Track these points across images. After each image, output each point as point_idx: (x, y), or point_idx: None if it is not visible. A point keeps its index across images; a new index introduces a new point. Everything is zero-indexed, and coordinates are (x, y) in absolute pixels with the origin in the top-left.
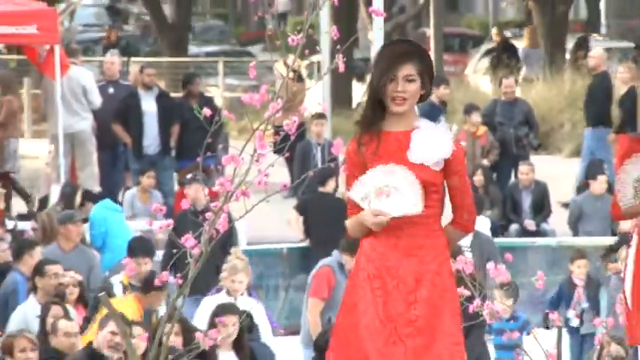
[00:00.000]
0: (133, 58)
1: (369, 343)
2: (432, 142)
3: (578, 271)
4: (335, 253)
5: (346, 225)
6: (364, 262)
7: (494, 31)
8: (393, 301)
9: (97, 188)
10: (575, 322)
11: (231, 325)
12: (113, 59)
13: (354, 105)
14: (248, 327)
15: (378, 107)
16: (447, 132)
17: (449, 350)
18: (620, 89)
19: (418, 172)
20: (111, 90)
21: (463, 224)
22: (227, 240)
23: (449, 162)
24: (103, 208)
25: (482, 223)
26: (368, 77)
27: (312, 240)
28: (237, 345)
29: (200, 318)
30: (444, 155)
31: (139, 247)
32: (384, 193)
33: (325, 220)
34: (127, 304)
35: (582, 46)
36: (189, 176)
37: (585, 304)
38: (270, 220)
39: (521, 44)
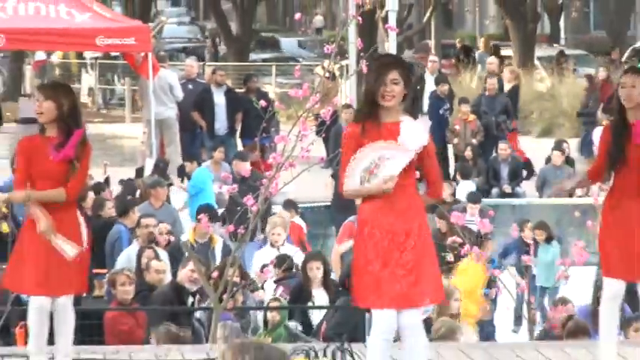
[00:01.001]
0: (207, 63)
1: (375, 282)
2: (416, 133)
3: (528, 232)
4: None
5: (344, 192)
6: (367, 222)
7: (482, 40)
8: (390, 251)
9: (179, 161)
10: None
11: (315, 269)
12: (192, 63)
13: None
14: (289, 267)
15: (372, 104)
16: (425, 125)
17: (431, 287)
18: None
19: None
20: (190, 86)
21: (436, 193)
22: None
23: (425, 147)
24: (204, 171)
25: (469, 187)
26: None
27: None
28: (325, 283)
29: (256, 265)
30: (424, 143)
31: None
32: (373, 170)
33: None
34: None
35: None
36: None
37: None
38: (311, 185)
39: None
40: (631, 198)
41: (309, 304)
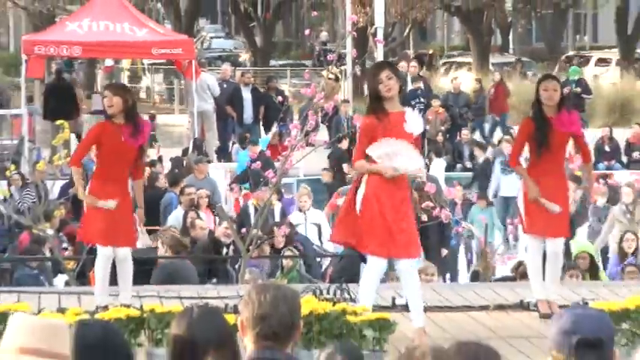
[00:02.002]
0: (237, 68)
1: (378, 236)
2: (416, 121)
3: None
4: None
5: (355, 165)
6: (374, 189)
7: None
8: (390, 213)
9: (216, 143)
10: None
11: None
12: (227, 67)
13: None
14: (319, 234)
15: (377, 99)
16: (419, 117)
17: (414, 243)
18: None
19: (410, 137)
20: (225, 85)
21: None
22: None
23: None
24: (245, 153)
25: (440, 164)
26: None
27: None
28: None
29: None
30: (421, 130)
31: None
32: (394, 155)
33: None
34: None
35: (519, 61)
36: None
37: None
38: (316, 162)
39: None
40: (550, 174)
41: None
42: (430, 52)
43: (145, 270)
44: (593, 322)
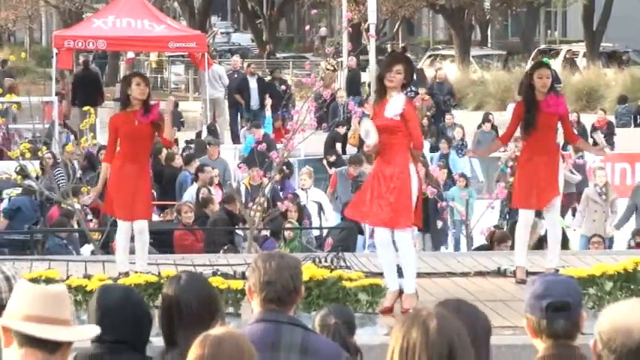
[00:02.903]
0: (245, 60)
1: (367, 207)
2: (394, 106)
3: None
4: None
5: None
6: (375, 168)
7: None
8: (382, 187)
9: (227, 127)
10: None
11: None
12: (237, 59)
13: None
14: (319, 211)
15: (382, 86)
16: (401, 101)
17: (404, 215)
18: None
19: (389, 121)
20: (235, 75)
21: (417, 147)
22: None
23: (403, 114)
24: (251, 138)
25: (425, 145)
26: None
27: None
28: None
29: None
30: (398, 112)
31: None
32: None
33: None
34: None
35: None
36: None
37: None
38: (315, 144)
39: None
40: (539, 154)
41: None
42: (403, 44)
43: (164, 240)
44: (562, 287)
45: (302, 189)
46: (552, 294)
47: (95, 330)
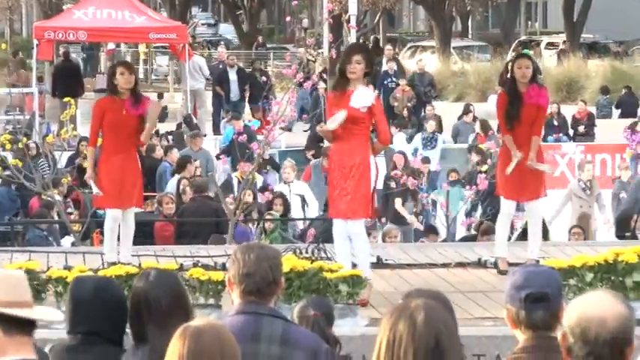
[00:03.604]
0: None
1: (337, 196)
2: (363, 98)
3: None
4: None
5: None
6: (332, 159)
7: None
8: (341, 179)
9: (209, 119)
10: None
11: None
12: (222, 50)
13: None
14: (302, 204)
15: (343, 78)
16: (371, 94)
17: (359, 205)
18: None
19: (354, 111)
20: (220, 66)
21: (383, 140)
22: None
23: (371, 108)
24: (231, 129)
25: (401, 137)
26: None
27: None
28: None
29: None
30: (367, 104)
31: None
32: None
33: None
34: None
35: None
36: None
37: None
38: (297, 135)
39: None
40: (522, 146)
41: None
42: (375, 36)
43: (144, 231)
44: (541, 278)
45: (285, 182)
46: (531, 285)
47: (58, 315)
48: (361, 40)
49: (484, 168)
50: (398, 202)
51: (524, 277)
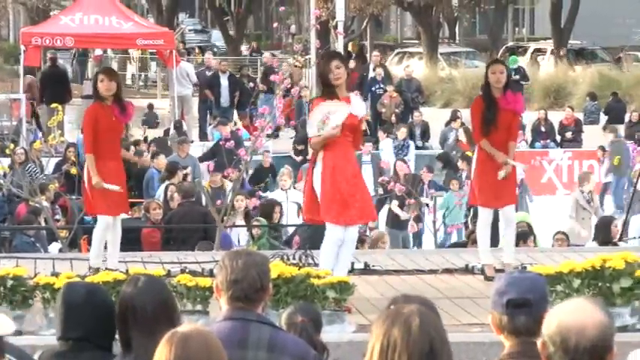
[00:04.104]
0: (214, 57)
1: (335, 208)
2: (359, 104)
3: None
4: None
5: (310, 143)
6: (329, 166)
7: (351, 44)
8: (345, 185)
9: (196, 125)
10: None
11: None
12: (210, 57)
13: None
14: (298, 211)
15: (328, 86)
16: (363, 104)
17: (368, 209)
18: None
19: (353, 118)
20: (207, 72)
21: (357, 147)
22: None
23: (361, 119)
24: (217, 135)
25: (388, 143)
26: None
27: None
28: None
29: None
30: (363, 114)
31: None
32: (325, 120)
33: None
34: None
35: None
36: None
37: None
38: (284, 141)
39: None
40: (499, 149)
41: None
42: (359, 42)
43: (130, 238)
44: (523, 284)
45: (282, 189)
46: (513, 290)
47: (8, 327)
48: (349, 46)
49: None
50: (394, 204)
51: (506, 283)
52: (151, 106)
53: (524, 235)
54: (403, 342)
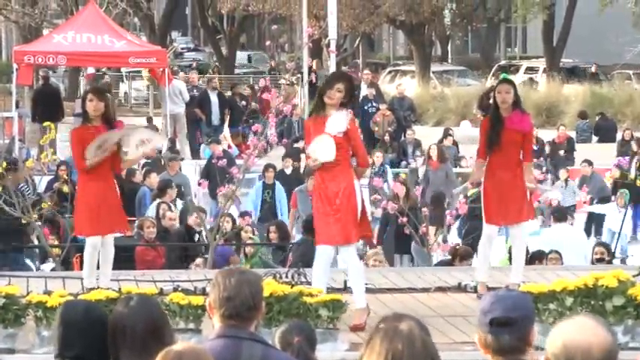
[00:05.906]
0: (204, 75)
1: (323, 223)
2: (338, 123)
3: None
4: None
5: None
6: (315, 187)
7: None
8: (328, 204)
9: (187, 142)
10: None
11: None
12: (193, 75)
13: None
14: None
15: (321, 102)
16: (346, 118)
17: (351, 231)
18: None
19: (336, 138)
20: (193, 91)
21: (362, 164)
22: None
23: (347, 132)
24: (208, 152)
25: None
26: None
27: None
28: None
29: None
30: (342, 129)
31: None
32: (311, 155)
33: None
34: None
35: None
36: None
37: None
38: (275, 156)
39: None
40: (503, 170)
41: None
42: (355, 60)
43: (124, 256)
44: (508, 303)
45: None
46: (497, 309)
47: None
48: (342, 66)
49: (470, 192)
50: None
51: (490, 302)
52: (149, 120)
53: (540, 255)
54: (409, 356)
